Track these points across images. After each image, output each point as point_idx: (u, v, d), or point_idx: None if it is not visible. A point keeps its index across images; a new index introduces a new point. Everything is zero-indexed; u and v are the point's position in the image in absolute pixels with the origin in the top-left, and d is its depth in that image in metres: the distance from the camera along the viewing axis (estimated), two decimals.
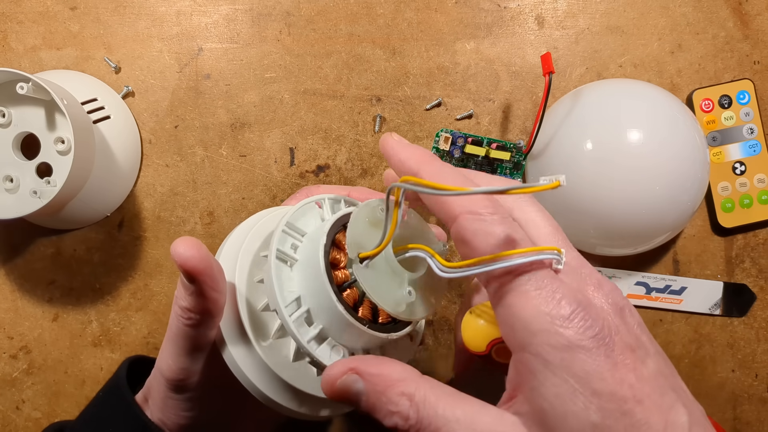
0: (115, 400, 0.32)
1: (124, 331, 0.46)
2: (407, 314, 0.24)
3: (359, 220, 0.24)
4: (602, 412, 0.19)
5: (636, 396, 0.19)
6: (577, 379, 0.19)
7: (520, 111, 0.47)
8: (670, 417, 0.19)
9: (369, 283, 0.23)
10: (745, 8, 0.48)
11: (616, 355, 0.19)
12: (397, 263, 0.24)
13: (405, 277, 0.24)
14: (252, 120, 0.46)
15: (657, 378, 0.20)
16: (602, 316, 0.20)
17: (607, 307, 0.21)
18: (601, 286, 0.21)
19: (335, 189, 0.33)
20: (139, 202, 0.46)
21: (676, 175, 0.41)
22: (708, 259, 0.48)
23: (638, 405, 0.19)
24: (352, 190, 0.33)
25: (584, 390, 0.19)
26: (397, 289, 0.24)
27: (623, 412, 0.19)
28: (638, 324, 0.21)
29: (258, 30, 0.46)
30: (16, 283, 0.46)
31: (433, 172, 0.23)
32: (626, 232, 0.42)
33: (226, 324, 0.26)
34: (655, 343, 0.21)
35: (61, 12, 0.46)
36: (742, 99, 0.47)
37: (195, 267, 0.24)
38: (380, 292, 0.23)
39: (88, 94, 0.43)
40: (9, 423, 0.46)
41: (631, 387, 0.19)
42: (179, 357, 0.27)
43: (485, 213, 0.21)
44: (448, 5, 0.47)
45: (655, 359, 0.20)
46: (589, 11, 0.47)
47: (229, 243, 0.28)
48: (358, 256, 0.23)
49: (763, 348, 0.48)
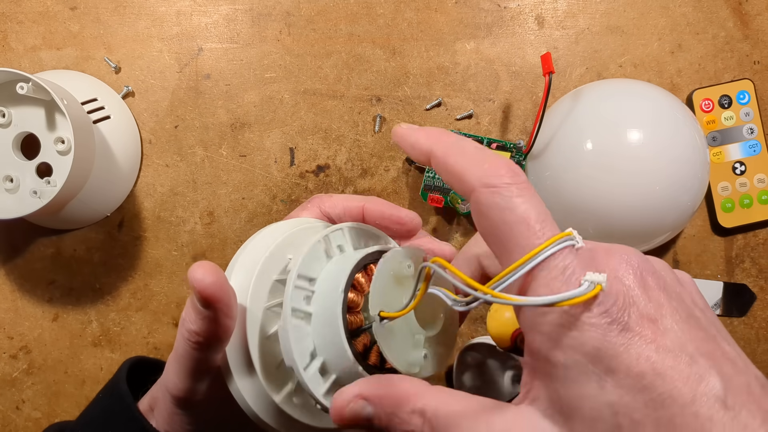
0: (114, 402, 0.32)
1: (124, 331, 0.46)
2: (420, 375, 0.24)
3: (384, 274, 0.24)
4: (619, 390, 0.18)
5: (656, 369, 0.17)
6: (589, 358, 0.18)
7: (520, 111, 0.47)
8: (700, 388, 0.17)
9: (386, 344, 0.23)
10: (745, 8, 0.48)
11: (631, 328, 0.18)
12: (416, 324, 0.24)
13: (421, 338, 0.24)
14: (252, 120, 0.46)
15: (684, 346, 0.18)
16: (614, 288, 0.19)
17: (622, 275, 0.19)
18: (612, 253, 0.20)
19: (348, 200, 0.32)
20: (139, 202, 0.46)
21: (676, 175, 0.41)
22: (708, 259, 0.48)
23: (659, 378, 0.17)
24: (366, 201, 0.32)
25: (597, 369, 0.18)
26: (412, 350, 0.24)
27: (641, 387, 0.17)
28: (665, 287, 0.19)
29: (258, 30, 0.46)
30: (16, 283, 0.46)
31: (445, 150, 0.22)
32: (626, 232, 0.42)
33: (232, 350, 0.26)
34: (690, 303, 0.20)
35: (61, 12, 0.46)
36: (742, 99, 0.47)
37: (213, 294, 0.23)
38: (396, 353, 0.23)
39: (88, 94, 0.43)
40: (9, 423, 0.46)
41: (649, 360, 0.17)
42: (185, 377, 0.27)
43: (501, 185, 0.21)
44: (448, 5, 0.47)
45: (685, 326, 0.19)
46: (589, 11, 0.47)
47: (241, 263, 0.27)
48: (378, 314, 0.23)
49: (763, 348, 0.48)
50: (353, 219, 0.32)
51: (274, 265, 0.27)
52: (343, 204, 0.32)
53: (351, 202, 0.32)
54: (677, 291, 0.20)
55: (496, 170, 0.21)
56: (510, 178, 0.21)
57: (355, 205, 0.32)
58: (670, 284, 0.20)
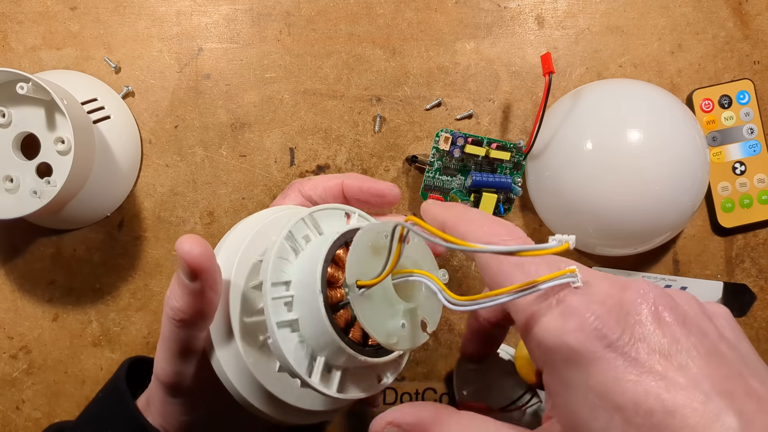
0: (114, 401, 0.32)
1: (124, 331, 0.46)
2: (398, 346, 0.24)
3: (361, 245, 0.24)
4: (627, 426, 0.17)
5: (666, 407, 0.17)
6: (596, 393, 0.18)
7: (520, 111, 0.47)
8: (714, 427, 0.16)
9: (363, 313, 0.23)
10: (745, 8, 0.48)
11: (641, 364, 0.17)
12: (394, 294, 0.24)
13: (400, 308, 0.24)
14: (252, 120, 0.46)
15: (700, 384, 0.17)
16: (622, 322, 0.18)
17: (635, 310, 0.19)
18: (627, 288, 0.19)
19: (327, 179, 0.32)
20: (139, 202, 0.46)
21: (676, 175, 0.41)
22: (708, 259, 0.48)
23: (669, 416, 0.17)
24: (344, 177, 0.32)
25: (605, 404, 0.18)
26: (390, 319, 0.24)
27: (650, 425, 0.17)
28: (684, 321, 0.19)
29: (258, 30, 0.46)
30: (16, 283, 0.46)
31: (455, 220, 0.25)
32: (626, 232, 0.42)
33: (215, 327, 0.26)
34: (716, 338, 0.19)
35: (61, 12, 0.46)
36: (742, 99, 0.47)
37: (200, 264, 0.24)
38: (374, 322, 0.23)
39: (88, 94, 0.43)
40: (9, 423, 0.46)
41: (659, 398, 0.17)
42: (172, 360, 0.27)
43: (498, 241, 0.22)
44: (448, 5, 0.47)
45: (702, 362, 0.18)
46: (589, 11, 0.47)
47: (228, 243, 0.28)
48: (356, 283, 0.23)
49: (763, 348, 0.48)
50: (334, 197, 0.32)
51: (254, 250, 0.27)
52: (323, 184, 0.33)
53: (330, 181, 0.33)
54: (701, 325, 0.19)
55: (495, 230, 0.23)
56: (507, 235, 0.22)
57: (334, 183, 0.33)
58: (692, 318, 0.19)
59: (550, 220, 0.46)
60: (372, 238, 0.25)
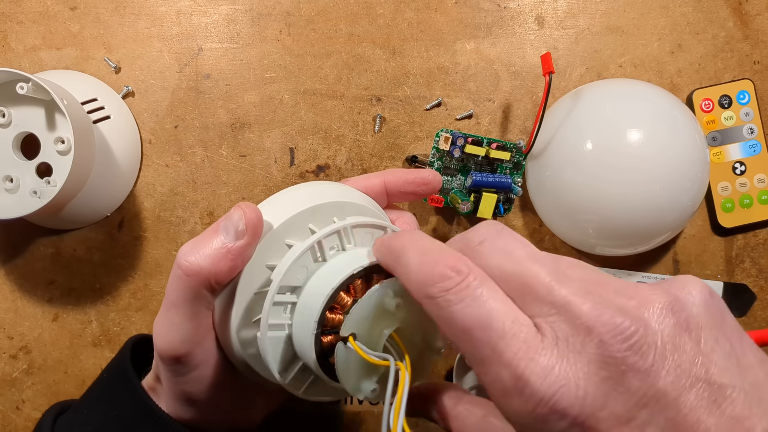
0: (119, 381, 0.31)
1: (124, 331, 0.46)
2: (363, 399, 0.25)
3: (369, 302, 0.24)
4: None
5: None
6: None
7: (520, 111, 0.47)
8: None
9: (342, 365, 0.24)
10: (745, 8, 0.48)
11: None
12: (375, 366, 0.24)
13: (378, 373, 0.25)
14: (252, 120, 0.46)
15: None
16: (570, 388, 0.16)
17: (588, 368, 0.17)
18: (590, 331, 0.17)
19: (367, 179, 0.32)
20: (139, 202, 0.46)
21: (676, 175, 0.41)
22: (708, 259, 0.48)
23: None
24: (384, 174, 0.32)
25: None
26: (365, 379, 0.25)
27: None
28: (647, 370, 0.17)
29: (258, 30, 0.46)
30: (16, 283, 0.46)
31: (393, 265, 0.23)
32: (626, 232, 0.42)
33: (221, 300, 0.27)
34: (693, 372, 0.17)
35: (61, 12, 0.46)
36: (742, 99, 0.47)
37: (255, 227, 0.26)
38: (348, 376, 0.24)
39: (88, 94, 0.43)
40: (9, 423, 0.46)
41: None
42: (181, 325, 0.26)
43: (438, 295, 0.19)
44: (448, 5, 0.47)
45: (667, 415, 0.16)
46: (589, 11, 0.47)
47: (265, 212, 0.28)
48: (348, 337, 0.23)
49: (763, 348, 0.48)
50: (375, 196, 0.32)
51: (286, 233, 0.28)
52: (363, 183, 0.32)
53: (370, 180, 0.32)
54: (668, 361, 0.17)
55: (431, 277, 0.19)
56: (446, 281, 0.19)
57: (375, 182, 0.32)
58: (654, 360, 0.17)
59: (550, 220, 0.46)
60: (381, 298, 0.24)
